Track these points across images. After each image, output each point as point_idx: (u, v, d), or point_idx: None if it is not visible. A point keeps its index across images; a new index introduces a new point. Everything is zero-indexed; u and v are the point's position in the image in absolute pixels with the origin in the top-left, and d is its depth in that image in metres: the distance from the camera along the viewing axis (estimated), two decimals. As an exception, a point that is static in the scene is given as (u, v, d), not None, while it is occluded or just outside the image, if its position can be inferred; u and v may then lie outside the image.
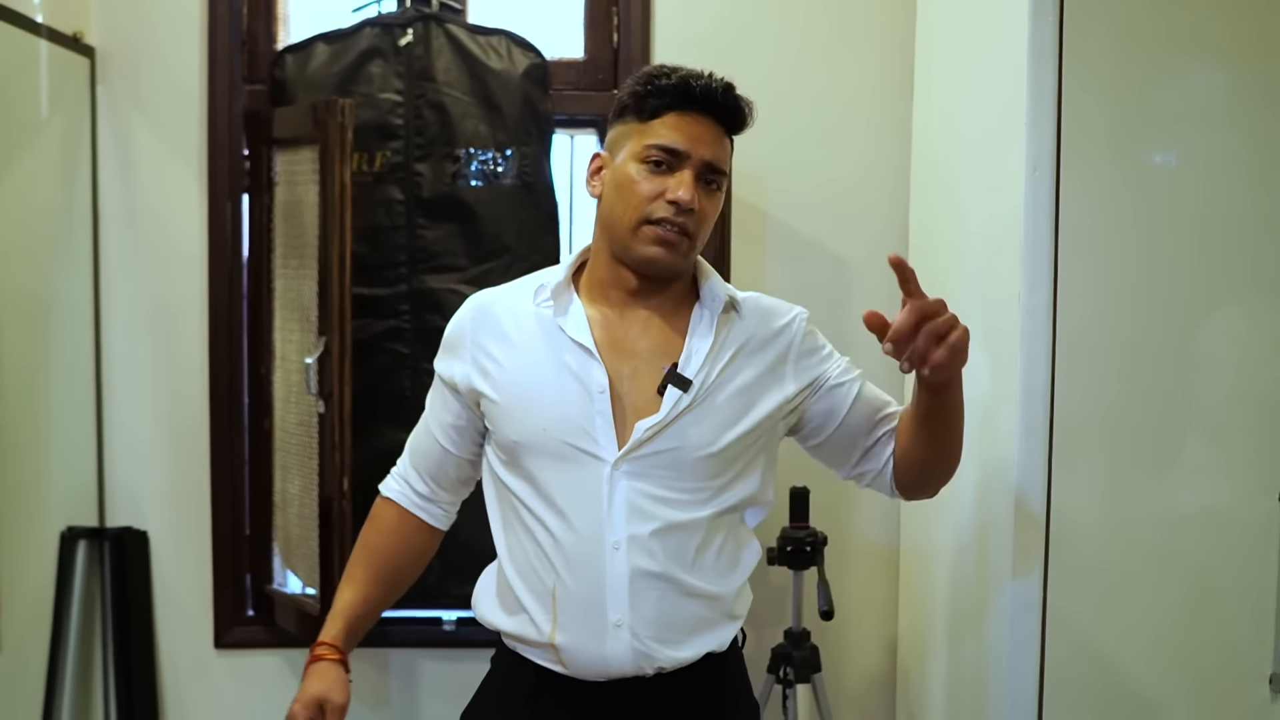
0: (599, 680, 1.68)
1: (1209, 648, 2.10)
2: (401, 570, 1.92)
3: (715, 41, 2.81)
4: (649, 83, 1.68)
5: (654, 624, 1.66)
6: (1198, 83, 2.05)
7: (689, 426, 1.67)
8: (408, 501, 1.91)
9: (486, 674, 1.86)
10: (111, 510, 2.87)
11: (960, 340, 1.53)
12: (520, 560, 1.72)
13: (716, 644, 1.72)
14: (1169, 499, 2.08)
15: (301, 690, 1.81)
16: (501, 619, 1.76)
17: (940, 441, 1.73)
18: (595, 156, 1.75)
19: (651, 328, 1.72)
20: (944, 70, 2.60)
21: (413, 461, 1.91)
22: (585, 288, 1.76)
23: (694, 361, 1.69)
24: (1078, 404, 2.06)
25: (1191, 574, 2.09)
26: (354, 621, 1.87)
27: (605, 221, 1.71)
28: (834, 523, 2.73)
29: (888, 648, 2.94)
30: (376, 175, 2.76)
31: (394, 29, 2.77)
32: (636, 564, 1.65)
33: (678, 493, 1.67)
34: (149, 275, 2.84)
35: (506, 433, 1.72)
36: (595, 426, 1.67)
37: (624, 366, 1.70)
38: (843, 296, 2.82)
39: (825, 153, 2.84)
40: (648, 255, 1.67)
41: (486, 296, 1.83)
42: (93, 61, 2.77)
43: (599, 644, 1.66)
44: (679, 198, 1.64)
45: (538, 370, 1.71)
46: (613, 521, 1.66)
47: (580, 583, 1.66)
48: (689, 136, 1.66)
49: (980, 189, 2.30)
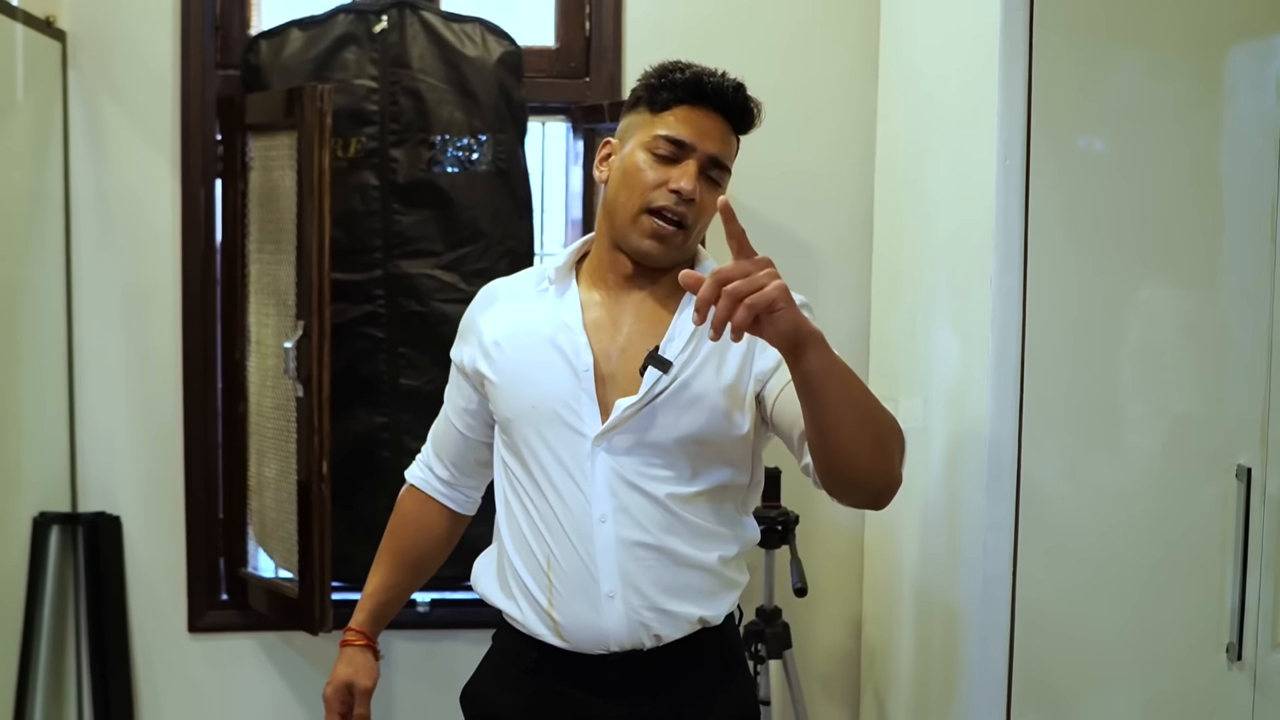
0: (599, 653, 1.73)
1: (1170, 616, 2.18)
2: (425, 556, 2.00)
3: (686, 31, 2.86)
4: (662, 76, 1.75)
5: (646, 593, 1.71)
6: (1163, 72, 2.13)
7: (667, 406, 1.71)
8: (430, 488, 1.98)
9: (487, 651, 1.92)
10: (84, 495, 2.86)
11: (760, 301, 1.40)
12: (517, 536, 1.78)
13: (711, 612, 1.76)
14: (1133, 474, 2.16)
15: (332, 675, 1.93)
16: (501, 595, 1.82)
17: (829, 426, 1.53)
18: (605, 143, 1.81)
19: (644, 311, 1.78)
20: (910, 59, 2.66)
21: (434, 449, 1.98)
22: (585, 272, 1.82)
23: (675, 343, 1.73)
24: (1046, 383, 2.13)
25: (1154, 546, 2.17)
26: (380, 607, 1.98)
27: (609, 207, 1.77)
28: (804, 502, 2.79)
29: (853, 625, 3.01)
30: (351, 161, 2.78)
31: (369, 15, 2.78)
32: (623, 535, 1.70)
33: (658, 468, 1.72)
34: (121, 260, 2.84)
35: (502, 410, 1.79)
36: (580, 403, 1.72)
37: (613, 347, 1.76)
38: (809, 284, 2.88)
39: (793, 142, 2.89)
40: (642, 248, 1.73)
41: (496, 285, 1.91)
42: (64, 45, 2.76)
43: (595, 615, 1.71)
44: (680, 187, 1.70)
45: (531, 350, 1.77)
46: (596, 494, 1.71)
47: (572, 556, 1.71)
48: (696, 130, 1.72)
49: (950, 176, 2.36)
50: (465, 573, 1.97)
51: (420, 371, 2.80)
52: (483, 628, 2.83)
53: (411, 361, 2.81)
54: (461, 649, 2.91)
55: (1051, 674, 2.19)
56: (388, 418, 2.83)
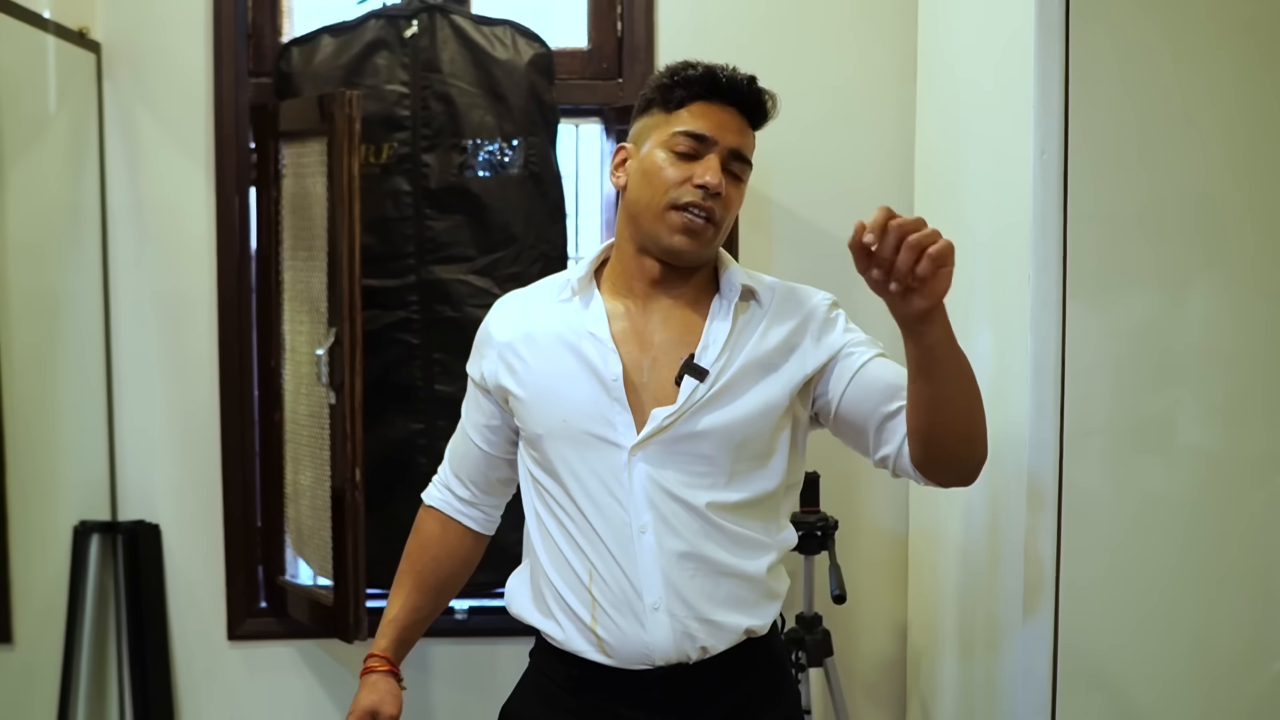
0: (643, 669, 1.69)
1: (1222, 625, 2.11)
2: (447, 578, 1.96)
3: (719, 29, 2.82)
4: (674, 75, 1.72)
5: (691, 603, 1.68)
6: (1204, 64, 2.06)
7: (705, 415, 1.68)
8: (449, 508, 1.94)
9: (526, 669, 1.88)
10: (124, 504, 2.88)
11: (943, 252, 1.42)
12: (554, 553, 1.74)
13: (757, 622, 1.73)
14: (1180, 478, 2.09)
15: (355, 702, 1.86)
16: (539, 615, 1.78)
17: (942, 401, 1.57)
18: (619, 149, 1.78)
19: (672, 318, 1.74)
20: (948, 54, 2.61)
21: (452, 467, 1.95)
22: (608, 281, 1.79)
23: (710, 351, 1.70)
24: (1088, 385, 2.07)
25: (1203, 552, 2.10)
26: (403, 632, 1.92)
27: (631, 210, 1.73)
28: (844, 507, 2.75)
29: (898, 631, 2.96)
30: (383, 167, 2.77)
31: (399, 21, 2.77)
32: (664, 545, 1.67)
33: (697, 476, 1.69)
34: (158, 268, 2.85)
35: (531, 426, 1.75)
36: (613, 414, 1.69)
37: (644, 356, 1.72)
38: (847, 283, 2.81)
39: (830, 139, 2.85)
40: (673, 245, 1.69)
41: (512, 297, 1.87)
42: (99, 56, 2.78)
43: (640, 630, 1.68)
44: (706, 181, 1.66)
45: (558, 364, 1.74)
46: (635, 505, 1.68)
47: (614, 569, 1.68)
48: (715, 123, 1.69)
49: (988, 173, 2.30)
50: (501, 579, 1.94)
51: (455, 377, 2.78)
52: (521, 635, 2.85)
53: (446, 367, 2.80)
54: (501, 654, 2.90)
55: (1098, 683, 2.13)
56: (423, 424, 2.82)
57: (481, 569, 2.04)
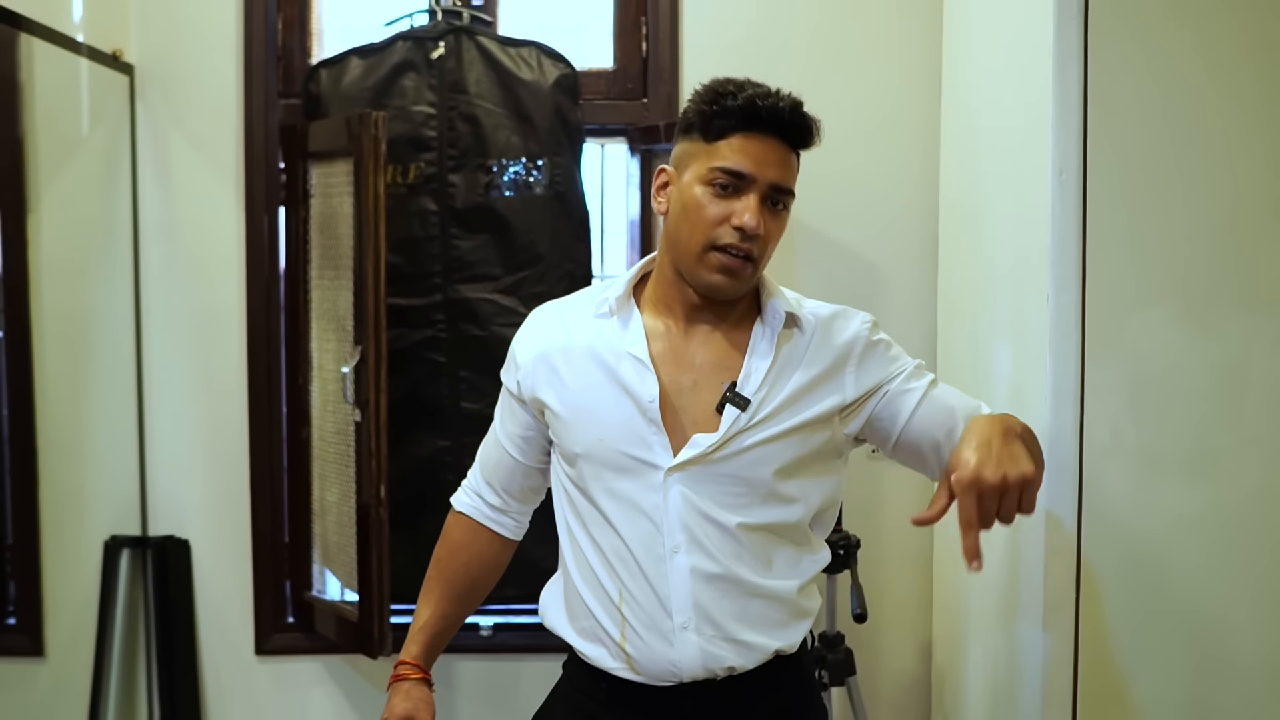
0: (670, 685, 1.71)
1: (1245, 647, 2.09)
2: (477, 583, 1.96)
3: (743, 49, 2.83)
4: (715, 102, 1.67)
5: (720, 624, 1.69)
6: (1222, 86, 2.05)
7: (746, 444, 1.69)
8: (480, 515, 1.95)
9: (558, 680, 1.89)
10: (154, 519, 2.92)
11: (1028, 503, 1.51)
12: (585, 570, 1.76)
13: (786, 642, 1.74)
14: (1203, 497, 2.08)
15: (388, 709, 1.86)
16: (571, 630, 1.79)
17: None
18: (660, 171, 1.75)
19: (713, 342, 1.74)
20: (971, 74, 2.61)
21: (483, 474, 1.95)
22: (648, 300, 1.78)
23: (753, 380, 1.71)
24: (1107, 403, 2.06)
25: (1227, 573, 2.08)
26: (433, 638, 1.93)
27: (672, 240, 1.73)
28: (867, 527, 2.75)
29: (923, 651, 2.95)
30: (410, 187, 2.80)
31: (426, 42, 2.81)
32: (696, 566, 1.68)
33: (732, 498, 1.70)
34: (188, 287, 2.89)
35: (569, 445, 1.76)
36: (649, 435, 1.70)
37: (684, 378, 1.73)
38: (872, 302, 2.83)
39: (854, 158, 2.85)
40: (712, 283, 1.69)
41: (549, 309, 1.86)
42: (131, 79, 2.83)
43: (668, 648, 1.69)
44: (745, 224, 1.65)
45: (595, 383, 1.74)
46: (669, 525, 1.69)
47: (644, 588, 1.69)
48: (755, 160, 1.66)
49: (1009, 192, 2.30)
50: (528, 593, 1.94)
51: (481, 395, 2.81)
52: (546, 652, 2.86)
53: (472, 385, 2.82)
54: (526, 671, 2.91)
55: (1119, 702, 2.11)
56: (450, 441, 2.84)
57: (508, 583, 2.05)
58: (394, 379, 2.64)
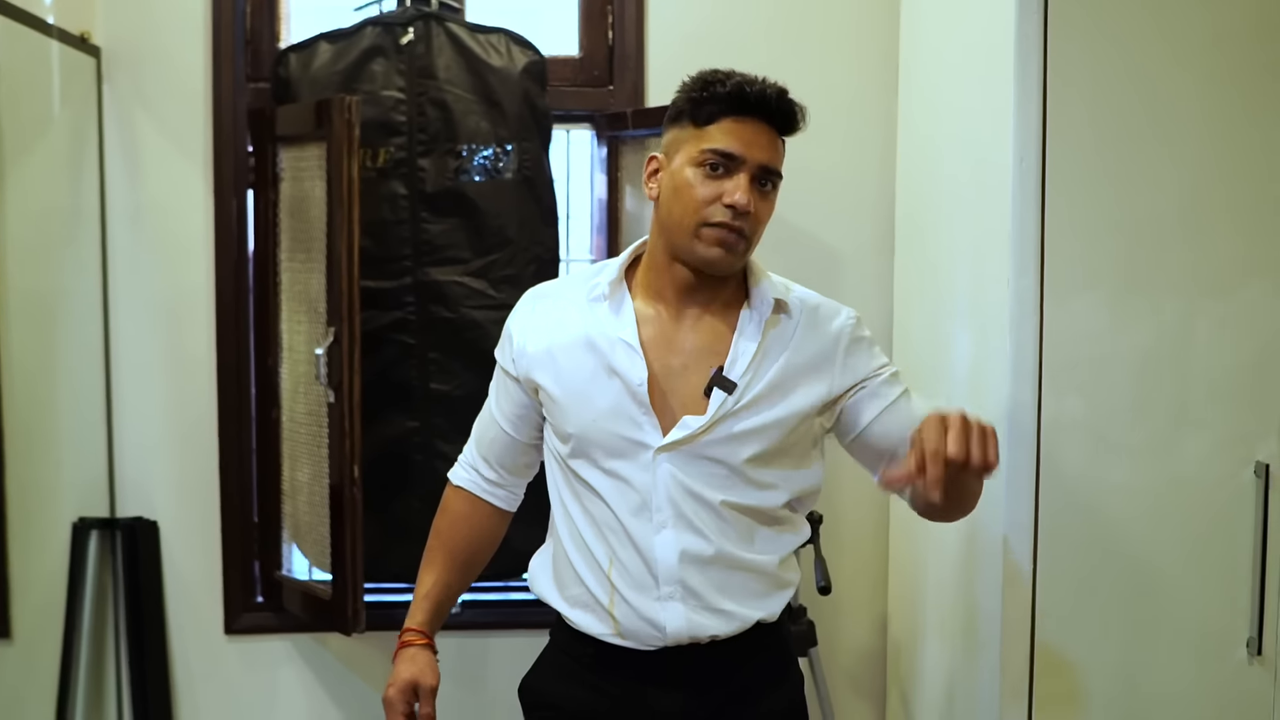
0: (655, 649, 1.79)
1: (1190, 613, 2.19)
2: (477, 554, 2.03)
3: (707, 38, 2.89)
4: (704, 89, 1.75)
5: (704, 596, 1.77)
6: (1176, 77, 2.14)
7: (732, 427, 1.77)
8: (477, 488, 2.01)
9: (545, 646, 1.97)
10: (122, 501, 2.93)
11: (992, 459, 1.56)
12: (576, 539, 1.83)
13: (767, 612, 1.83)
14: (1153, 471, 2.17)
15: (394, 675, 1.92)
16: (559, 597, 1.87)
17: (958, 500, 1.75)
18: (651, 159, 1.82)
19: (701, 326, 1.81)
20: (929, 64, 2.69)
21: (479, 449, 2.01)
22: (639, 285, 1.85)
23: (739, 364, 1.78)
24: (1064, 383, 2.15)
25: (1174, 543, 2.18)
26: (436, 606, 2.00)
27: (664, 223, 1.79)
28: (826, 502, 2.81)
29: (879, 623, 3.04)
30: (380, 171, 2.83)
31: (395, 28, 2.83)
32: (683, 540, 1.77)
33: (718, 478, 1.78)
34: (156, 270, 2.90)
35: (562, 424, 1.82)
36: (639, 416, 1.77)
37: (673, 361, 1.80)
38: (832, 286, 2.89)
39: (814, 146, 2.86)
40: (708, 256, 1.75)
41: (543, 290, 1.93)
42: (99, 61, 2.82)
43: (654, 614, 1.77)
44: (735, 201, 1.71)
45: (589, 366, 1.80)
46: (658, 502, 1.76)
47: (634, 557, 1.77)
48: (744, 141, 1.73)
49: (969, 179, 2.38)
50: (497, 570, 2.00)
51: (450, 376, 2.85)
52: (514, 628, 2.91)
53: (442, 367, 2.86)
54: (493, 647, 2.96)
55: (1072, 670, 2.20)
56: (419, 422, 2.88)
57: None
58: (364, 361, 2.66)
